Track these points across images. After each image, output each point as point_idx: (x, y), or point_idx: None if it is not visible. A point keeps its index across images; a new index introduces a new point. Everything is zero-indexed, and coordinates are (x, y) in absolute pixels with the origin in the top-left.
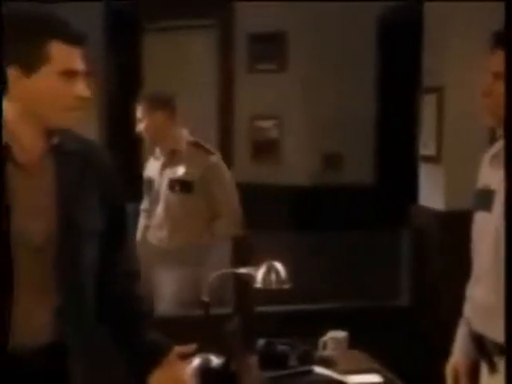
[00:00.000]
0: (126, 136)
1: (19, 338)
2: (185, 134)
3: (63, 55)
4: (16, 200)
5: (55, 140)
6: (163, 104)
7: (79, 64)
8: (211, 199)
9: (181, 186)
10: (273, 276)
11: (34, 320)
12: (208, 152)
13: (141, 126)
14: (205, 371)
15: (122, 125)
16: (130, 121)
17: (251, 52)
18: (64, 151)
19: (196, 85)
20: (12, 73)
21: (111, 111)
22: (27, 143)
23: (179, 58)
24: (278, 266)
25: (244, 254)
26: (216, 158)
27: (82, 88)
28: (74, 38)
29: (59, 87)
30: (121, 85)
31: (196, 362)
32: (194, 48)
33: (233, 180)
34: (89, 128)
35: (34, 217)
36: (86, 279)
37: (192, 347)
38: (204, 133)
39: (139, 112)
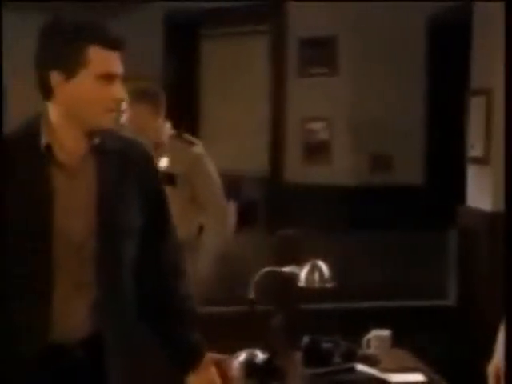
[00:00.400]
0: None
1: (59, 330)
2: (168, 127)
3: (100, 59)
4: (57, 199)
5: (96, 140)
6: (148, 97)
7: (116, 67)
8: (195, 191)
9: (164, 179)
10: (316, 275)
11: (74, 314)
12: (191, 144)
13: (124, 118)
14: (250, 366)
15: (179, 126)
16: (187, 121)
17: (303, 56)
18: (104, 151)
19: (249, 88)
20: (54, 77)
21: (169, 113)
22: (69, 144)
23: (234, 62)
24: (322, 265)
25: (290, 252)
26: (199, 148)
27: (118, 90)
28: (111, 43)
29: (97, 90)
30: (179, 89)
31: (242, 356)
32: (247, 53)
33: (216, 171)
34: None
35: (75, 215)
36: (124, 276)
37: (225, 357)
38: (257, 135)
39: (123, 104)
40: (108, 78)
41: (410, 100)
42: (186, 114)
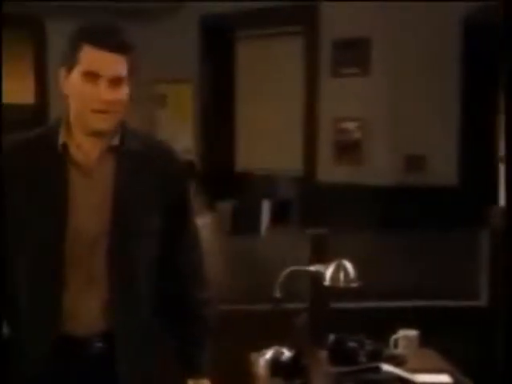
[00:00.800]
0: (220, 137)
1: (72, 324)
2: None
3: (89, 58)
4: (73, 197)
5: (115, 140)
6: None
7: (104, 68)
8: None
9: None
10: (341, 274)
11: (86, 310)
12: None
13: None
14: (276, 363)
15: (215, 127)
16: (224, 122)
17: (335, 57)
18: (124, 151)
19: (283, 89)
20: (61, 73)
21: (206, 114)
22: (85, 144)
23: (268, 63)
24: (347, 264)
25: (320, 251)
26: None
27: (103, 91)
28: (104, 43)
29: (81, 87)
30: (215, 90)
31: (268, 354)
32: (281, 54)
33: None
34: (184, 131)
35: (90, 214)
36: (138, 275)
37: None
38: (290, 135)
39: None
40: (92, 76)
41: (443, 100)
42: (221, 116)
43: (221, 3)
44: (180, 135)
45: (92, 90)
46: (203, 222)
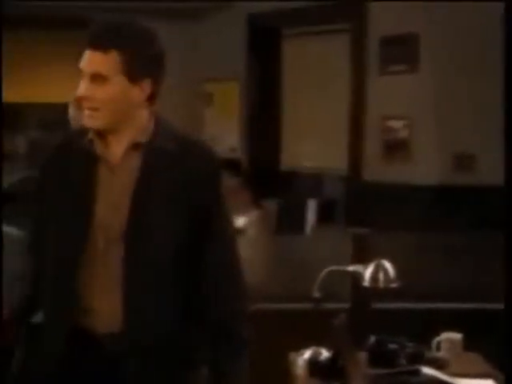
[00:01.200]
0: (266, 136)
1: (93, 321)
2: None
3: (84, 57)
4: (99, 193)
5: (143, 138)
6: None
7: (85, 65)
8: None
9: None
10: (381, 275)
11: (104, 307)
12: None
13: None
14: (314, 363)
15: (262, 126)
16: (270, 121)
17: (383, 54)
18: (152, 149)
19: (330, 87)
20: None
21: (252, 113)
22: (110, 140)
23: (315, 61)
24: (387, 264)
25: (362, 251)
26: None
27: (81, 88)
28: (90, 41)
29: (77, 85)
30: (261, 89)
31: (307, 354)
32: (328, 52)
33: None
34: (230, 129)
35: (112, 211)
36: (155, 276)
37: None
38: (337, 133)
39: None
40: (82, 74)
41: (492, 98)
42: (267, 114)
43: (268, 2)
44: (226, 134)
45: (79, 88)
46: (249, 220)
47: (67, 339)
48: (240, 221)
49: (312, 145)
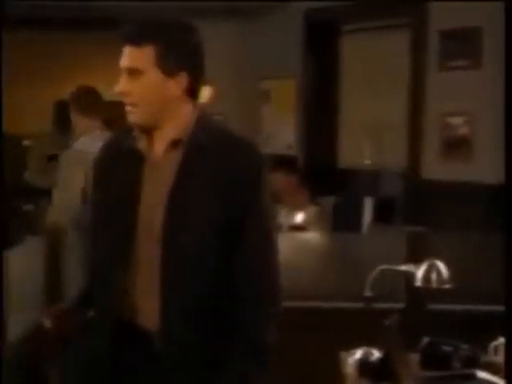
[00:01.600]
0: (322, 133)
1: (140, 319)
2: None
3: (122, 53)
4: (143, 190)
5: (184, 134)
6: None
7: (122, 61)
8: None
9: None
10: (433, 275)
11: (152, 305)
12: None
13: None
14: (364, 363)
15: (319, 123)
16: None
17: (443, 49)
18: (192, 146)
19: (389, 83)
20: None
21: (309, 110)
22: (152, 137)
23: (374, 57)
24: (440, 264)
25: (417, 250)
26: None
27: (118, 83)
28: (122, 36)
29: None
30: (318, 85)
31: (358, 354)
32: (387, 47)
33: None
34: (287, 126)
35: (153, 209)
36: (191, 275)
37: None
38: (395, 130)
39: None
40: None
41: None
42: (326, 111)
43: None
44: (283, 131)
45: (118, 84)
46: (307, 217)
47: (112, 335)
48: (298, 218)
49: (370, 142)
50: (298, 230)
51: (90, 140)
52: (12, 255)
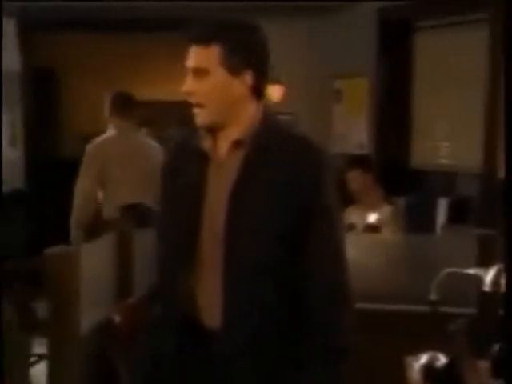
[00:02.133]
0: (395, 132)
1: (206, 317)
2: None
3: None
4: (207, 191)
5: (247, 134)
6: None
7: (188, 61)
8: None
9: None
10: (503, 279)
11: (207, 305)
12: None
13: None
14: (430, 369)
15: (391, 122)
16: (400, 117)
17: None
18: (255, 147)
19: (465, 81)
20: None
21: (382, 109)
22: (215, 137)
23: (449, 54)
24: None
25: (488, 253)
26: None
27: (185, 83)
28: (188, 36)
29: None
30: (391, 84)
31: (423, 359)
32: (464, 44)
33: None
34: (359, 125)
35: (216, 210)
36: (253, 278)
37: None
38: (471, 129)
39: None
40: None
41: None
42: (399, 109)
43: None
44: (354, 130)
45: (184, 84)
46: (381, 217)
47: (177, 332)
48: (372, 217)
49: (446, 141)
50: (373, 230)
51: (107, 136)
52: (86, 251)
